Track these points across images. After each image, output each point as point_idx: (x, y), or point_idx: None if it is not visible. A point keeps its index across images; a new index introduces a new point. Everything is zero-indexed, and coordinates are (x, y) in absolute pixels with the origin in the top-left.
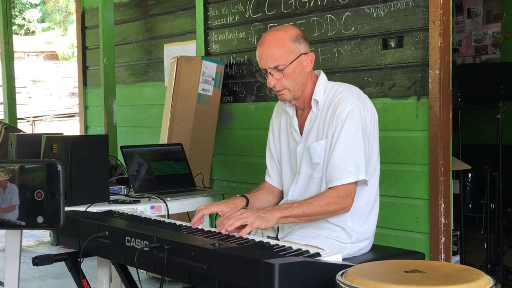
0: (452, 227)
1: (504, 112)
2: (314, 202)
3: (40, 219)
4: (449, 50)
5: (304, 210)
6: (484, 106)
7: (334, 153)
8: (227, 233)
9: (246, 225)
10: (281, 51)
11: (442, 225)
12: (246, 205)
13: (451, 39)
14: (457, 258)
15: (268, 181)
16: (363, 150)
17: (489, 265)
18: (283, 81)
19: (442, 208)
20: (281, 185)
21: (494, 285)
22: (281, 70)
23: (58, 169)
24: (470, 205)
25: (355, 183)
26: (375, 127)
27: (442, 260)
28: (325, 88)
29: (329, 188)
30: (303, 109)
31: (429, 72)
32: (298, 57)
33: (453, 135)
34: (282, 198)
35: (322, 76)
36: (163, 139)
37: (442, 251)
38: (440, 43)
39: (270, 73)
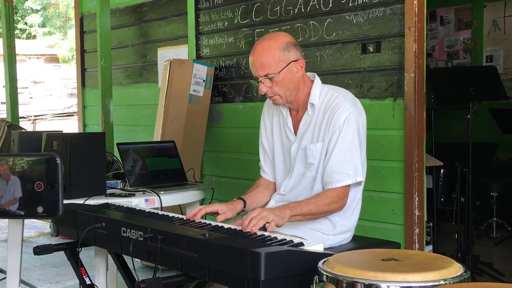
0: (425, 219)
1: (473, 113)
2: (318, 201)
3: (40, 209)
4: (423, 55)
5: (311, 209)
6: (455, 107)
7: (332, 157)
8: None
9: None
10: (271, 60)
11: (416, 217)
12: (244, 207)
13: (425, 45)
14: (430, 247)
15: (263, 176)
16: (359, 153)
17: (459, 254)
18: (274, 88)
19: (416, 201)
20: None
21: (464, 272)
22: (271, 79)
23: (57, 162)
24: (442, 199)
25: (350, 184)
26: (364, 130)
27: (416, 249)
28: (320, 92)
29: (329, 189)
30: (297, 110)
31: (404, 75)
32: (288, 65)
33: (427, 133)
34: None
35: (317, 80)
36: (157, 136)
37: (416, 241)
38: (415, 48)
39: (261, 81)
